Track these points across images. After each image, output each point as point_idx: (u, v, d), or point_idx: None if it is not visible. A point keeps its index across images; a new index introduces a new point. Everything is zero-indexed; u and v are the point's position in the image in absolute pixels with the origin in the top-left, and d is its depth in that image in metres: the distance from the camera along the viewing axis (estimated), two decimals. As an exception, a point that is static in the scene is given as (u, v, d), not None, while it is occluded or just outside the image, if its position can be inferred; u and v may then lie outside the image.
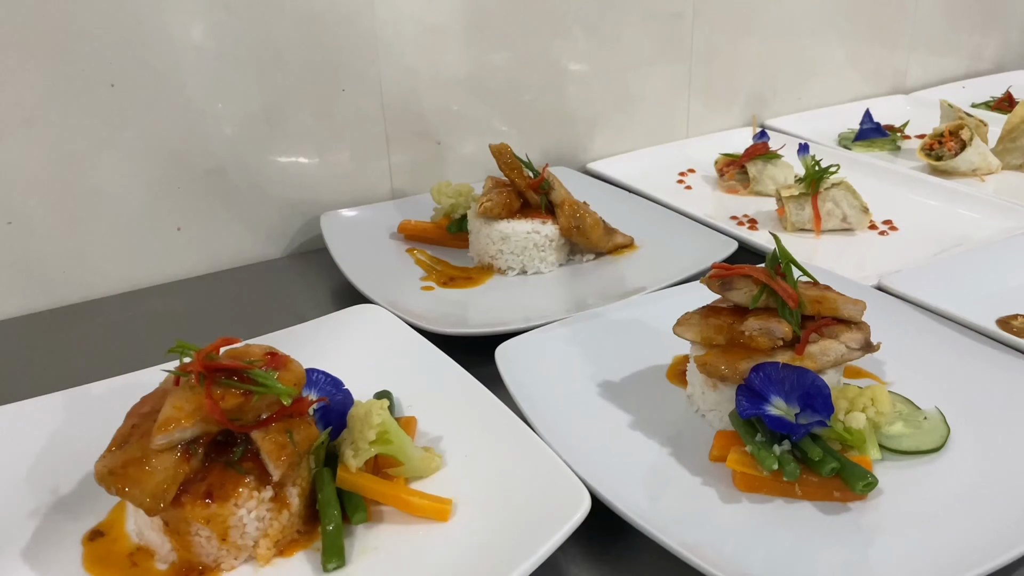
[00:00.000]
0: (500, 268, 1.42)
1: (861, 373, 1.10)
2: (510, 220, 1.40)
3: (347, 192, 1.61)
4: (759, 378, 0.92)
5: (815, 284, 1.00)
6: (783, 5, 1.96)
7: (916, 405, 1.02)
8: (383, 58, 1.55)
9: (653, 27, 1.81)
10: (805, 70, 2.08)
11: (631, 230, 1.51)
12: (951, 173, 1.74)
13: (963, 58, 2.36)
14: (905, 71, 2.25)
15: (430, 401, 1.05)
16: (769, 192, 1.67)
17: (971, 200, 1.57)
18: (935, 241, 1.46)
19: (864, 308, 0.99)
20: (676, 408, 1.05)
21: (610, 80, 1.81)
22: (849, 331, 0.97)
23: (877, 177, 1.73)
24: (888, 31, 2.17)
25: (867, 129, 1.93)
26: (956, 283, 1.28)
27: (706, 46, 1.90)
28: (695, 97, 1.94)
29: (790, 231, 1.54)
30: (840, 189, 1.50)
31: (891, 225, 1.55)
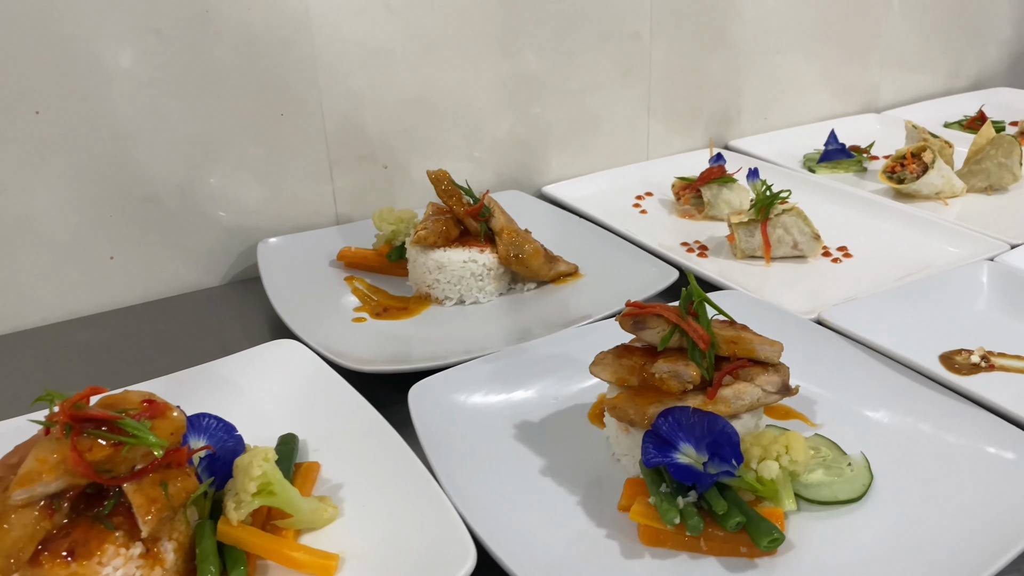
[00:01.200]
0: (437, 298, 1.38)
1: (791, 414, 1.05)
2: (446, 249, 1.37)
3: (289, 218, 1.57)
4: (667, 424, 0.88)
5: (731, 324, 0.95)
6: (746, 23, 1.92)
7: (842, 450, 0.97)
8: (324, 81, 1.52)
9: (609, 47, 1.77)
10: (771, 89, 2.03)
11: (579, 257, 1.48)
12: (914, 196, 1.70)
13: (939, 75, 2.31)
14: (877, 89, 2.20)
15: (338, 445, 1.01)
16: (724, 217, 1.63)
17: (928, 226, 1.52)
18: (888, 269, 1.41)
19: (781, 350, 0.94)
20: (595, 452, 1.01)
21: (566, 102, 1.77)
22: (766, 373, 0.93)
23: (836, 200, 1.68)
24: (859, 48, 2.12)
25: (832, 150, 1.88)
26: (902, 316, 1.23)
27: (665, 66, 1.86)
28: (655, 118, 1.90)
29: (740, 258, 1.49)
30: (791, 215, 1.46)
31: (845, 252, 1.50)
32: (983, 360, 1.14)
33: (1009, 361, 1.15)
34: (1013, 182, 1.71)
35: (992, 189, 1.72)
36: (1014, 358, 1.15)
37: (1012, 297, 1.27)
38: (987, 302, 1.28)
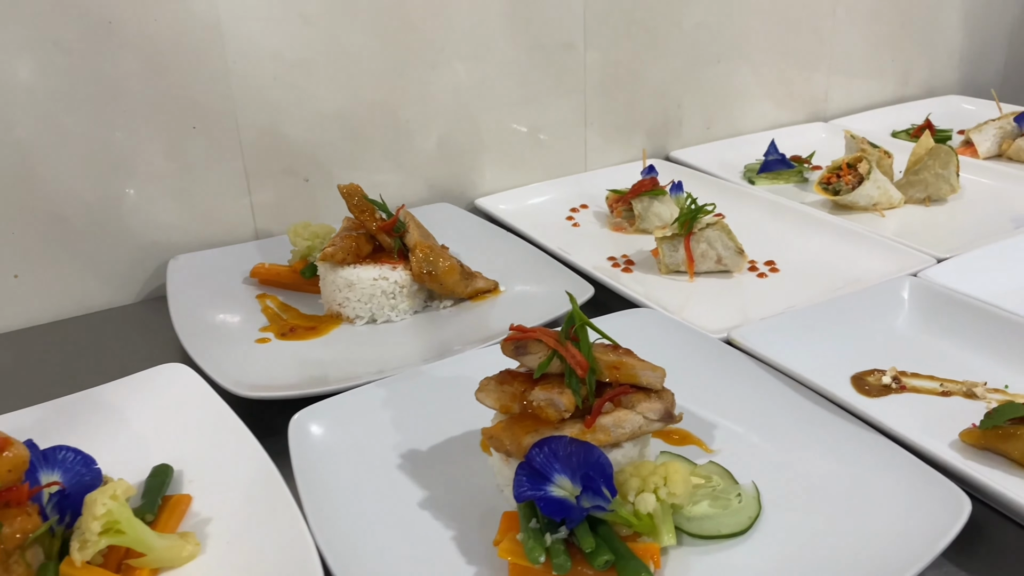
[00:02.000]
0: (348, 317, 1.34)
1: (688, 439, 1.02)
2: (356, 266, 1.32)
3: (206, 233, 1.53)
4: (541, 455, 0.84)
5: (615, 348, 0.92)
6: (684, 32, 1.89)
7: (735, 479, 0.93)
8: (238, 93, 1.48)
9: (541, 57, 1.74)
10: (713, 98, 2.00)
11: (502, 272, 1.44)
12: (851, 208, 1.66)
13: (888, 83, 2.28)
14: (824, 98, 2.18)
15: (214, 477, 0.97)
16: (653, 231, 1.59)
17: (858, 239, 1.48)
18: (812, 285, 1.37)
19: (663, 375, 0.90)
20: (485, 482, 0.97)
21: (498, 113, 1.74)
22: (648, 400, 0.89)
23: (769, 213, 1.65)
24: (804, 56, 2.10)
25: (772, 160, 1.85)
26: (817, 335, 1.19)
27: (601, 76, 1.82)
28: (592, 129, 1.86)
29: (664, 273, 1.46)
30: (715, 229, 1.42)
31: (772, 266, 1.46)
32: (894, 381, 1.11)
33: (921, 382, 1.11)
34: (951, 193, 1.68)
35: (930, 200, 1.69)
36: (927, 378, 1.12)
37: (932, 314, 1.23)
38: (907, 319, 1.25)
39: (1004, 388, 1.09)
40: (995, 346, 1.15)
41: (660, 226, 1.49)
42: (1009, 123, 1.92)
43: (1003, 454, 0.95)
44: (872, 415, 0.98)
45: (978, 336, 1.17)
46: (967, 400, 1.07)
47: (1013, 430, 0.94)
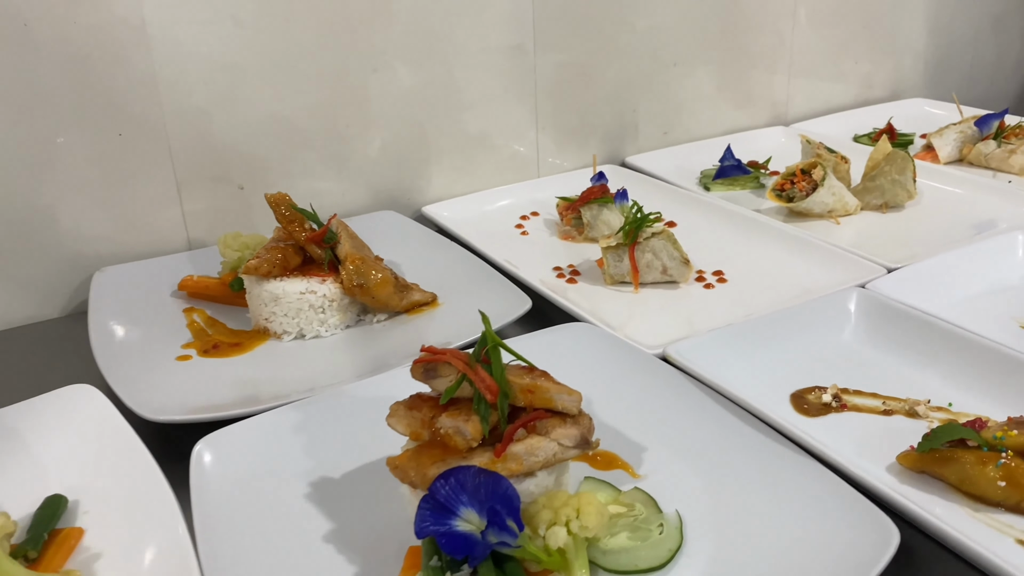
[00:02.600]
0: (275, 332, 1.28)
1: (615, 463, 0.97)
2: (283, 279, 1.27)
3: (134, 244, 1.47)
4: (446, 487, 0.78)
5: (530, 370, 0.86)
6: (638, 34, 1.84)
7: (659, 508, 0.88)
8: (166, 98, 1.42)
9: (489, 60, 1.69)
10: (670, 102, 1.96)
11: (444, 283, 1.39)
12: (806, 215, 1.62)
13: (851, 86, 2.25)
14: (786, 101, 2.14)
15: (111, 508, 0.92)
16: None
17: (809, 249, 1.44)
18: (759, 296, 1.33)
19: (580, 399, 0.85)
20: (397, 514, 0.91)
21: (445, 117, 1.69)
22: (564, 426, 0.84)
23: (722, 220, 1.60)
24: (764, 59, 2.05)
25: (728, 166, 1.80)
26: (759, 350, 1.15)
27: (552, 79, 1.78)
28: (545, 134, 1.81)
29: (610, 284, 1.41)
30: (660, 239, 1.38)
31: (721, 277, 1.42)
32: (835, 399, 1.06)
33: (863, 400, 1.07)
34: (908, 199, 1.64)
35: (887, 207, 1.65)
36: (869, 396, 1.08)
37: (879, 328, 1.19)
38: (854, 333, 1.20)
39: (948, 406, 1.04)
40: (941, 362, 1.11)
41: (605, 235, 1.44)
42: (970, 127, 1.89)
43: (941, 478, 0.90)
44: (807, 437, 0.93)
45: (925, 351, 1.13)
46: (909, 419, 1.03)
47: (950, 453, 0.89)
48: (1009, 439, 0.88)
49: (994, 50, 2.50)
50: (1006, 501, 0.86)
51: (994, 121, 1.87)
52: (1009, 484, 0.86)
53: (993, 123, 1.86)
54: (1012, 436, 0.88)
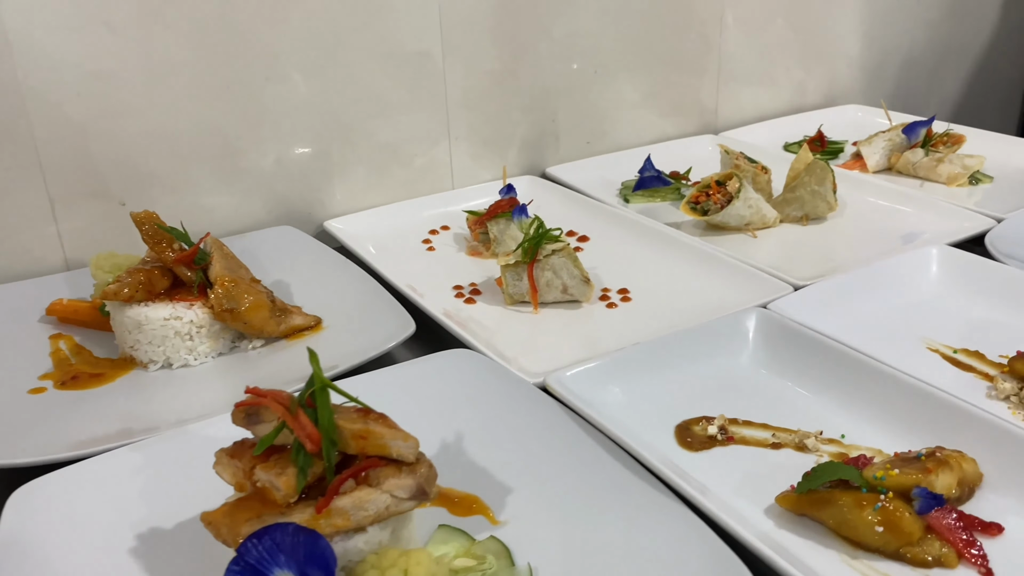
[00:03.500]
0: (141, 361, 1.19)
1: (475, 508, 0.89)
2: (147, 304, 1.18)
3: (5, 265, 1.37)
4: (257, 547, 0.70)
5: (365, 413, 0.79)
6: (556, 39, 1.77)
7: (512, 559, 0.81)
8: (34, 109, 1.33)
9: (394, 67, 1.61)
10: (593, 110, 1.89)
11: (332, 304, 1.31)
12: (723, 228, 1.56)
13: (784, 93, 2.19)
14: (715, 109, 2.08)
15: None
16: (508, 255, 1.47)
17: (717, 265, 1.37)
18: (662, 317, 1.26)
19: (416, 445, 0.77)
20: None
21: (347, 127, 1.60)
22: (398, 476, 0.76)
23: (636, 234, 1.53)
24: (691, 66, 1.99)
25: (648, 177, 1.73)
26: (644, 378, 1.08)
27: (465, 87, 1.70)
28: (459, 144, 1.74)
29: (509, 304, 1.33)
30: (561, 256, 1.30)
31: (625, 295, 1.35)
32: (721, 432, 0.99)
33: (752, 431, 1.00)
34: (828, 211, 1.58)
35: (807, 219, 1.59)
36: (759, 427, 1.01)
37: (777, 351, 1.12)
38: (752, 357, 1.14)
39: (841, 438, 0.98)
40: (838, 389, 1.05)
41: (504, 253, 1.37)
42: (898, 135, 1.83)
43: (820, 521, 0.84)
44: (676, 478, 0.86)
45: (822, 377, 1.07)
46: (799, 453, 0.96)
47: (828, 495, 0.83)
48: (890, 479, 0.82)
49: (931, 56, 2.46)
50: (885, 548, 0.80)
51: (921, 129, 1.81)
52: (887, 529, 0.79)
53: (920, 131, 1.81)
54: (893, 476, 0.82)
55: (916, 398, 0.97)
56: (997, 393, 1.04)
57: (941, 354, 1.14)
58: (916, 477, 0.81)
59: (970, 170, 1.74)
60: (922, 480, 0.81)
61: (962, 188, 1.73)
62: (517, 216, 1.39)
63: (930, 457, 0.85)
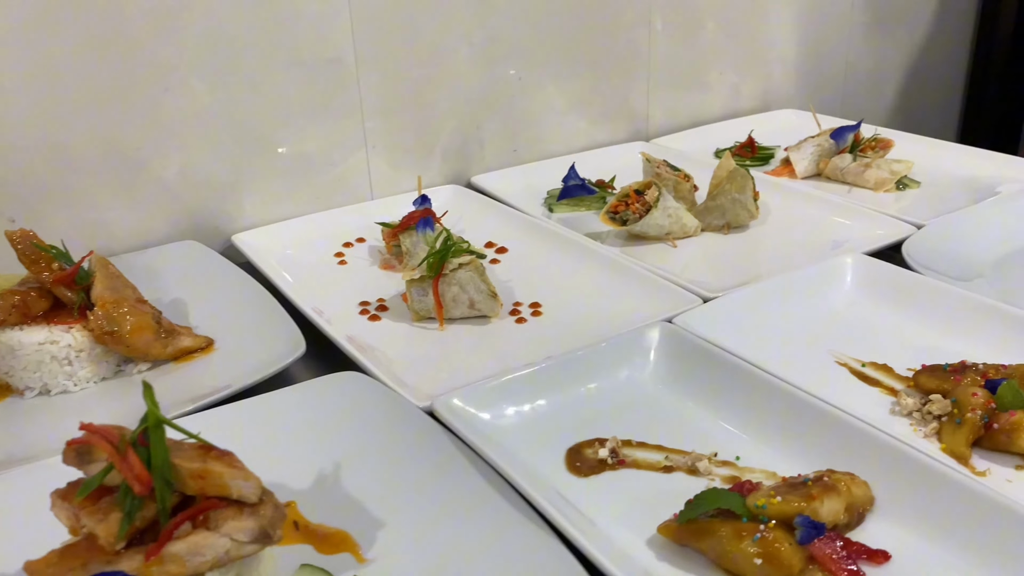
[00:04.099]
0: (17, 388, 1.13)
1: (344, 544, 0.84)
2: (22, 327, 1.12)
3: None
4: (77, 602, 0.65)
5: (206, 451, 0.73)
6: (476, 46, 1.72)
7: (372, 602, 0.76)
8: (-93, 123, 1.26)
9: (303, 75, 1.55)
10: (519, 118, 1.84)
11: (229, 322, 1.25)
12: (645, 238, 1.52)
13: (717, 98, 2.16)
14: (646, 115, 2.04)
15: None
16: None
17: (630, 277, 1.33)
18: (571, 332, 1.21)
19: (259, 485, 0.72)
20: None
21: (255, 138, 1.54)
22: (239, 518, 0.70)
23: (554, 246, 1.49)
24: (620, 71, 1.95)
25: (572, 186, 1.69)
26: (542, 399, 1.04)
27: (381, 95, 1.65)
28: (376, 153, 1.68)
29: (416, 320, 1.28)
30: (468, 270, 1.26)
31: (536, 310, 1.30)
32: (612, 455, 0.95)
33: (645, 454, 0.96)
34: (750, 219, 1.55)
35: (729, 227, 1.56)
36: (654, 449, 0.97)
37: (679, 367, 1.08)
38: (653, 374, 1.10)
39: (735, 460, 0.94)
40: (737, 407, 1.01)
41: (410, 268, 1.32)
42: (827, 140, 1.81)
43: (701, 552, 0.80)
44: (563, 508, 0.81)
45: (721, 395, 1.03)
46: (690, 477, 0.92)
47: (708, 525, 0.79)
48: (771, 507, 0.78)
49: (868, 59, 2.45)
50: (765, 581, 0.76)
51: (849, 134, 1.79)
52: (766, 561, 0.75)
53: (848, 136, 1.79)
54: (775, 504, 0.78)
55: (812, 417, 0.94)
56: (900, 409, 1.01)
57: (849, 368, 1.11)
58: (798, 505, 0.77)
59: (897, 175, 1.72)
60: (805, 508, 0.77)
61: (889, 194, 1.71)
62: (422, 229, 1.35)
63: (817, 482, 0.81)
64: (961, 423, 0.93)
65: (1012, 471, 0.91)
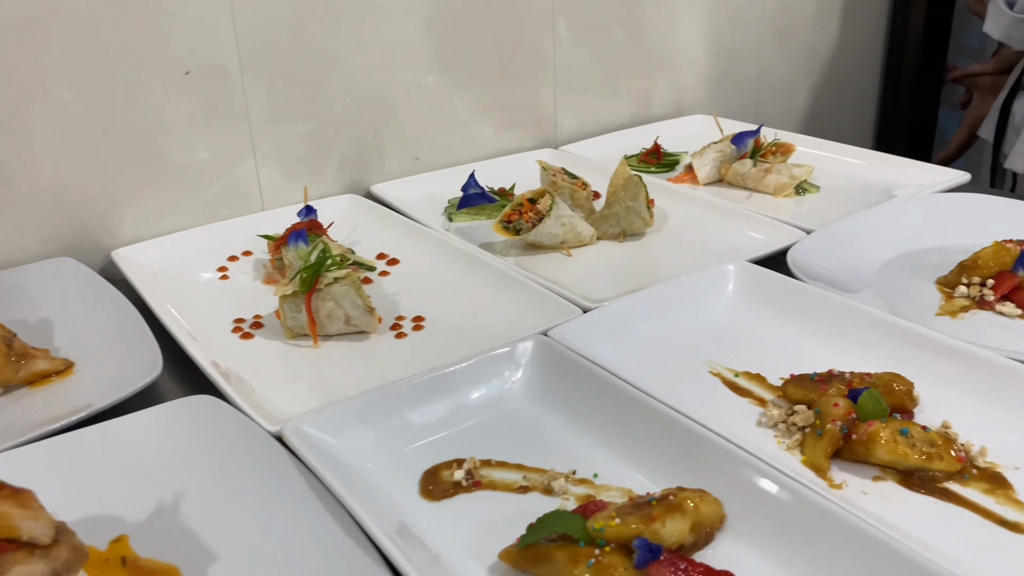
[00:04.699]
0: None
1: (169, 583, 0.79)
2: None
3: None
4: None
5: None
6: (371, 52, 1.68)
7: (187, 644, 0.71)
8: None
9: (184, 83, 1.49)
10: (420, 125, 1.81)
11: (94, 343, 1.19)
12: (539, 247, 1.49)
13: (627, 104, 2.15)
14: (554, 122, 2.02)
15: None
16: (303, 283, 1.37)
17: (516, 288, 1.30)
18: (449, 348, 1.18)
19: (51, 525, 0.67)
20: None
21: (134, 149, 1.48)
22: (28, 561, 0.66)
23: (447, 257, 1.46)
24: (526, 76, 1.93)
25: (472, 195, 1.66)
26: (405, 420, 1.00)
27: (270, 103, 1.60)
28: (267, 164, 1.63)
29: (290, 338, 1.24)
30: (344, 285, 1.21)
31: (419, 324, 1.27)
32: (467, 476, 0.92)
33: (503, 473, 0.93)
34: (644, 227, 1.54)
35: (625, 235, 1.54)
36: (514, 468, 0.94)
37: (548, 383, 1.05)
38: (524, 389, 1.07)
39: (593, 478, 0.91)
40: (602, 421, 0.98)
41: (283, 283, 1.27)
42: (728, 145, 1.81)
43: (541, 580, 0.77)
44: (388, 542, 0.77)
45: (587, 409, 1.00)
46: (546, 497, 0.89)
47: (546, 550, 0.76)
48: (609, 530, 0.75)
49: (781, 65, 2.46)
50: (601, 607, 0.73)
51: (749, 139, 1.79)
52: (600, 588, 0.72)
53: (748, 141, 1.79)
54: (613, 526, 0.75)
55: (670, 431, 0.92)
56: (767, 420, 0.99)
57: (722, 379, 1.09)
58: (637, 527, 0.75)
59: (797, 180, 1.72)
60: (644, 529, 0.75)
61: (789, 199, 1.71)
62: (293, 243, 1.30)
63: (661, 501, 0.79)
64: (821, 434, 0.92)
65: (869, 483, 0.90)
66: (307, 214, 1.46)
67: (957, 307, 1.25)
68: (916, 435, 0.90)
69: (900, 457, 0.89)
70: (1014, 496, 0.87)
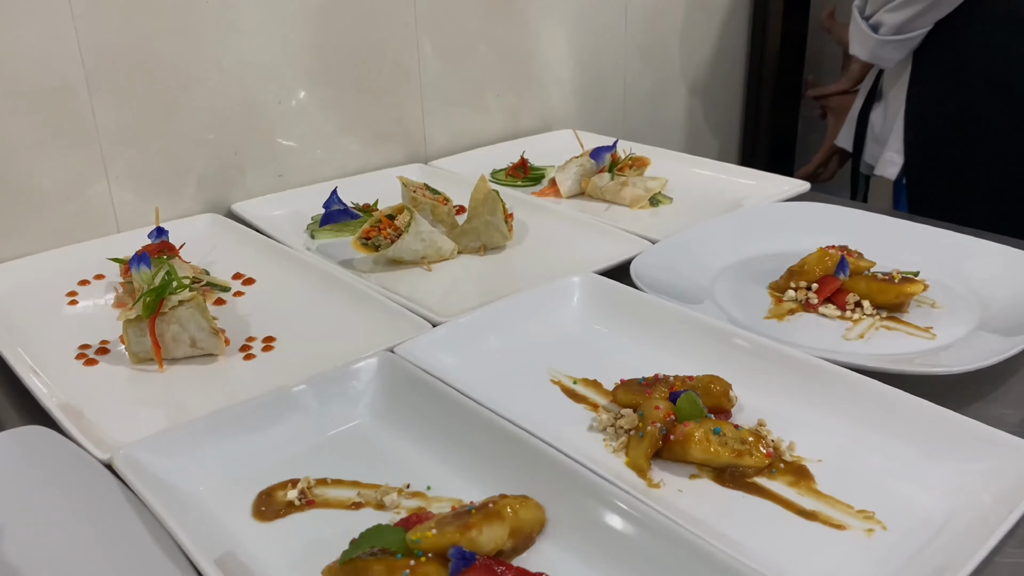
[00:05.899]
0: None
1: (-20, 622, 0.77)
2: None
3: None
4: None
5: None
6: (227, 71, 1.67)
7: None
8: None
9: (25, 105, 1.45)
10: (280, 143, 1.80)
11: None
12: (400, 263, 1.51)
13: (496, 119, 2.20)
14: (423, 138, 2.05)
15: None
16: (154, 307, 1.35)
17: (368, 305, 1.32)
18: (299, 366, 1.18)
19: None
20: None
21: (-29, 172, 1.43)
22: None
23: (304, 274, 1.46)
24: (392, 92, 1.95)
25: (334, 211, 1.67)
26: (241, 440, 1.00)
27: (121, 123, 1.57)
28: (121, 185, 1.60)
29: (136, 363, 1.22)
30: (188, 308, 1.20)
31: (269, 344, 1.27)
32: (301, 496, 0.93)
33: (338, 491, 0.94)
34: (504, 240, 1.58)
35: (485, 249, 1.58)
36: (350, 485, 0.95)
37: (393, 400, 1.07)
38: (369, 407, 1.08)
39: (426, 491, 0.94)
40: (440, 435, 1.01)
41: (127, 308, 1.25)
42: (588, 160, 1.88)
43: (363, 593, 0.79)
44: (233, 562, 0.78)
45: (427, 423, 1.03)
46: (378, 512, 0.91)
47: (365, 564, 0.78)
48: (426, 540, 0.78)
49: (646, 81, 2.56)
50: (420, 618, 0.75)
51: (606, 153, 1.87)
52: (417, 598, 0.75)
53: (606, 155, 1.86)
54: (429, 537, 0.78)
55: (498, 440, 0.95)
56: (598, 425, 1.04)
57: (561, 386, 1.14)
58: (453, 536, 0.78)
59: (651, 192, 1.80)
60: (460, 538, 0.78)
61: (644, 210, 1.79)
62: (135, 266, 1.28)
63: (480, 509, 0.82)
64: (643, 436, 0.97)
65: (686, 480, 0.96)
66: (158, 235, 1.44)
67: (785, 310, 1.34)
68: (728, 434, 0.97)
69: (712, 455, 0.95)
70: (814, 487, 0.94)
